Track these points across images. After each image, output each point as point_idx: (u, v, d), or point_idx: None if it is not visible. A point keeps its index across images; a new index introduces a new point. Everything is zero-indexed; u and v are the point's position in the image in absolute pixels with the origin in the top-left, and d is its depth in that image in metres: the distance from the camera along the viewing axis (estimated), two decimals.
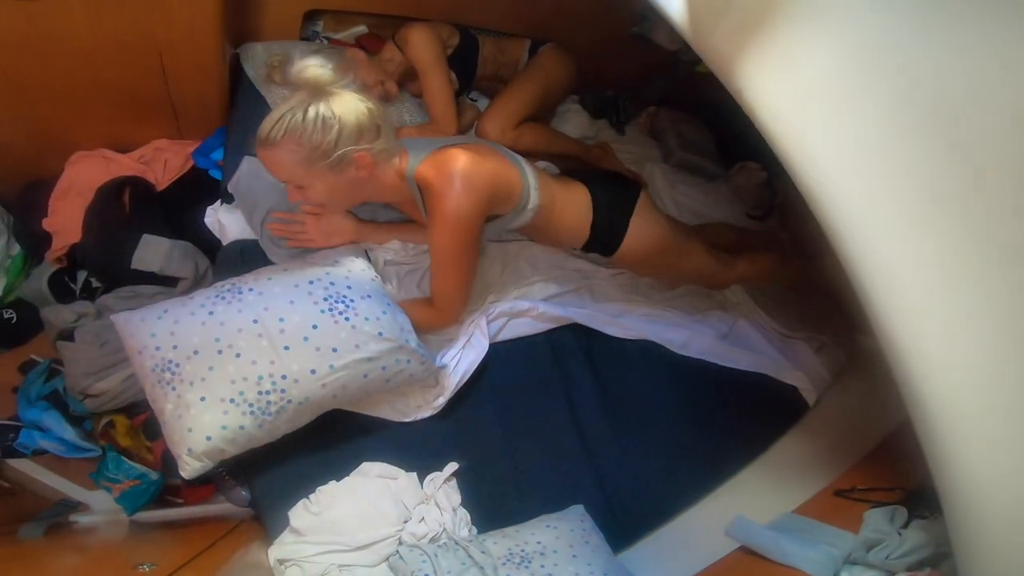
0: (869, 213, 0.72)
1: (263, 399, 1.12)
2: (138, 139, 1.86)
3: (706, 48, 0.91)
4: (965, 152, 0.65)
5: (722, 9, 0.86)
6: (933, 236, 0.67)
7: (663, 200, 1.96)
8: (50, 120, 1.69)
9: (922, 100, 0.68)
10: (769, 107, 0.81)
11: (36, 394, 1.67)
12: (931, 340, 0.69)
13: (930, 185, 0.67)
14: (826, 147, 0.76)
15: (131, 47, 1.53)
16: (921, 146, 0.68)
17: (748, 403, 1.60)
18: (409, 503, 1.22)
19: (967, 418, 0.68)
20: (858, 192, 0.73)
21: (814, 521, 1.24)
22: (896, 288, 0.70)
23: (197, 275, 1.69)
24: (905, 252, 0.69)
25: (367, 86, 1.63)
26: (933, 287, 0.68)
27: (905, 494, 1.14)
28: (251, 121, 1.67)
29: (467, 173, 1.18)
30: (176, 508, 1.68)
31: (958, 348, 0.67)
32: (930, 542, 0.99)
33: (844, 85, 0.75)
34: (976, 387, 0.67)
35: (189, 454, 1.11)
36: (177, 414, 1.10)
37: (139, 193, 1.74)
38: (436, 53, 1.63)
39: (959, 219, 0.65)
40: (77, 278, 1.75)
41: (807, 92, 0.78)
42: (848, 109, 0.74)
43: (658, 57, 1.84)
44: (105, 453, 1.61)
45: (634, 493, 1.42)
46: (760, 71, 0.82)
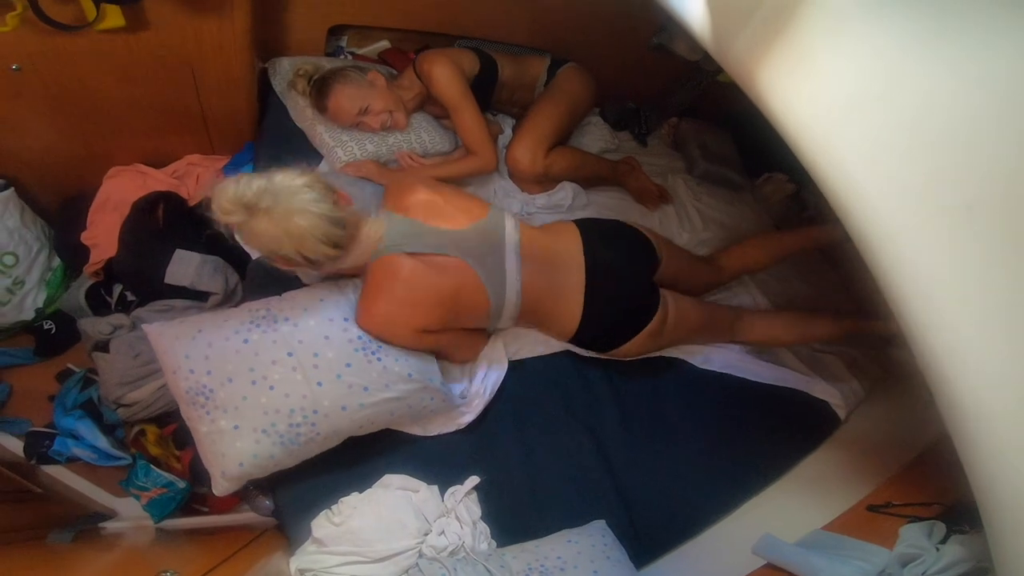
0: (901, 223, 0.70)
1: (293, 431, 1.16)
2: (172, 153, 1.93)
3: (728, 58, 0.89)
4: (998, 158, 0.63)
5: (743, 18, 0.85)
6: (968, 246, 0.65)
7: (687, 211, 1.94)
8: (90, 135, 1.75)
9: (951, 106, 0.66)
10: (794, 116, 0.80)
11: (72, 402, 1.72)
12: (968, 352, 0.66)
13: (963, 193, 0.65)
14: (855, 156, 0.74)
15: (166, 63, 1.58)
16: (952, 153, 0.66)
17: (775, 418, 1.56)
18: (430, 516, 1.22)
19: (1007, 431, 0.65)
20: (889, 202, 0.71)
21: (845, 537, 1.20)
22: (931, 299, 0.68)
23: (227, 290, 1.73)
24: (940, 262, 0.67)
25: (373, 112, 1.64)
26: (970, 298, 0.65)
27: (943, 509, 1.10)
28: (279, 136, 1.73)
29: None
30: (202, 516, 1.71)
31: (997, 360, 0.64)
32: (969, 557, 0.95)
33: (870, 93, 0.73)
34: (1016, 399, 0.64)
35: (222, 476, 1.17)
36: (211, 438, 1.16)
37: (172, 208, 1.79)
38: (462, 88, 1.64)
39: (995, 227, 0.63)
40: (113, 291, 1.80)
41: (833, 100, 0.76)
42: (876, 117, 0.72)
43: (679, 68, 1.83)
44: (135, 461, 1.64)
45: (656, 509, 1.40)
46: (784, 80, 0.80)
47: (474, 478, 1.30)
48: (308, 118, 1.71)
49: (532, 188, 1.80)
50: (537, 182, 1.78)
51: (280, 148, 1.70)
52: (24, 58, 1.45)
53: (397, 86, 1.72)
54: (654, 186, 1.92)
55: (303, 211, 1.07)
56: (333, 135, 1.67)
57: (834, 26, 0.76)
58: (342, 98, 1.61)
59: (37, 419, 1.73)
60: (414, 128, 1.73)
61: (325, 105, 1.64)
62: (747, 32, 0.85)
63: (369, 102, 1.62)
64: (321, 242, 1.09)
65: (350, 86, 1.62)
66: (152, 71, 1.59)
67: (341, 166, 1.65)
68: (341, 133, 1.68)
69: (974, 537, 0.98)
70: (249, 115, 1.83)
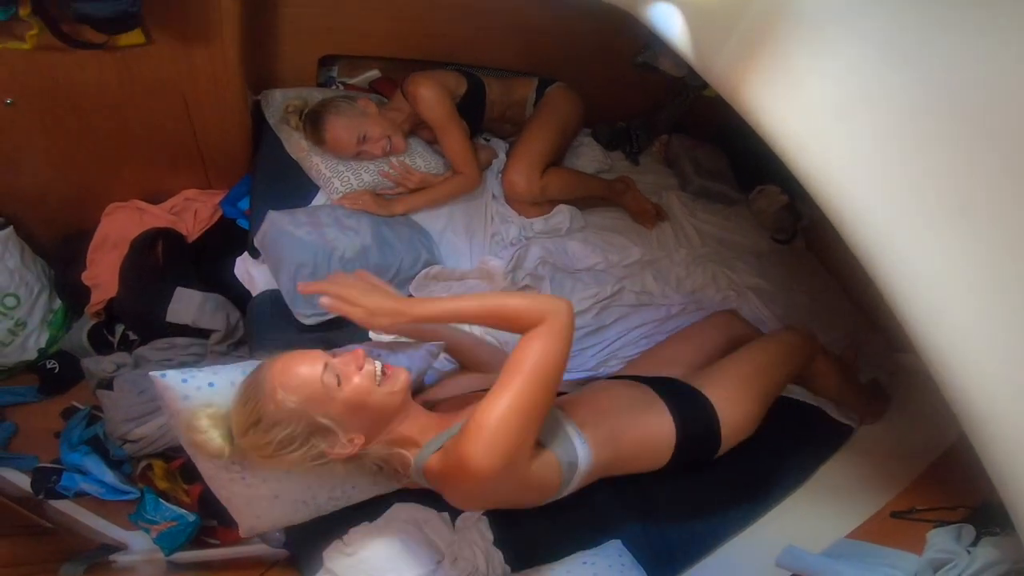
0: (897, 228, 0.70)
1: (332, 503, 1.19)
2: (169, 188, 1.94)
3: (712, 73, 0.90)
4: (985, 159, 0.63)
5: (725, 33, 0.86)
6: (965, 246, 0.65)
7: (684, 228, 1.95)
8: (86, 170, 1.77)
9: (937, 110, 0.67)
10: (781, 127, 0.80)
11: (78, 439, 1.73)
12: (975, 351, 0.66)
13: (955, 194, 0.65)
14: (844, 164, 0.74)
15: (158, 96, 1.60)
16: (940, 156, 0.66)
17: (790, 427, 1.52)
18: (442, 544, 1.22)
19: (1017, 428, 0.64)
20: (883, 207, 0.71)
21: (872, 545, 1.18)
22: (931, 301, 0.68)
23: (229, 327, 1.74)
24: (938, 265, 0.67)
25: (372, 139, 1.64)
26: (971, 298, 0.65)
27: (970, 511, 1.08)
28: (274, 169, 1.74)
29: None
30: (212, 549, 1.71)
31: (1005, 356, 0.64)
32: (1005, 558, 0.93)
33: (855, 100, 0.74)
34: (1020, 396, 0.63)
35: (251, 529, 1.18)
36: (247, 500, 1.14)
37: (171, 245, 1.81)
38: (447, 109, 1.65)
39: (989, 227, 0.63)
40: (115, 331, 1.82)
41: (818, 109, 0.77)
42: (862, 124, 0.73)
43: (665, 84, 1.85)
44: (144, 495, 1.65)
45: (674, 525, 1.38)
46: (768, 91, 0.81)
47: None
48: (304, 149, 1.71)
49: (529, 211, 1.81)
50: (534, 204, 1.79)
51: (277, 180, 1.71)
52: (17, 92, 1.47)
53: (388, 109, 1.74)
54: (650, 205, 1.94)
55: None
56: (330, 166, 1.68)
57: (814, 36, 0.77)
58: (339, 130, 1.61)
59: (43, 455, 1.74)
60: (409, 153, 1.74)
61: (323, 139, 1.64)
62: (729, 46, 0.86)
63: (365, 130, 1.62)
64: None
65: (343, 117, 1.62)
66: (145, 104, 1.61)
67: (337, 198, 1.66)
68: (338, 163, 1.68)
69: (1006, 538, 0.96)
70: (244, 148, 1.85)
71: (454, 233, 1.75)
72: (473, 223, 1.79)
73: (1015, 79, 0.61)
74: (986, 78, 0.64)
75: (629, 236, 1.87)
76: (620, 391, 1.22)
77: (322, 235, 1.44)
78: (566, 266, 1.76)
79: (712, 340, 1.47)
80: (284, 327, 1.45)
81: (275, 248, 1.48)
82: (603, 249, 1.81)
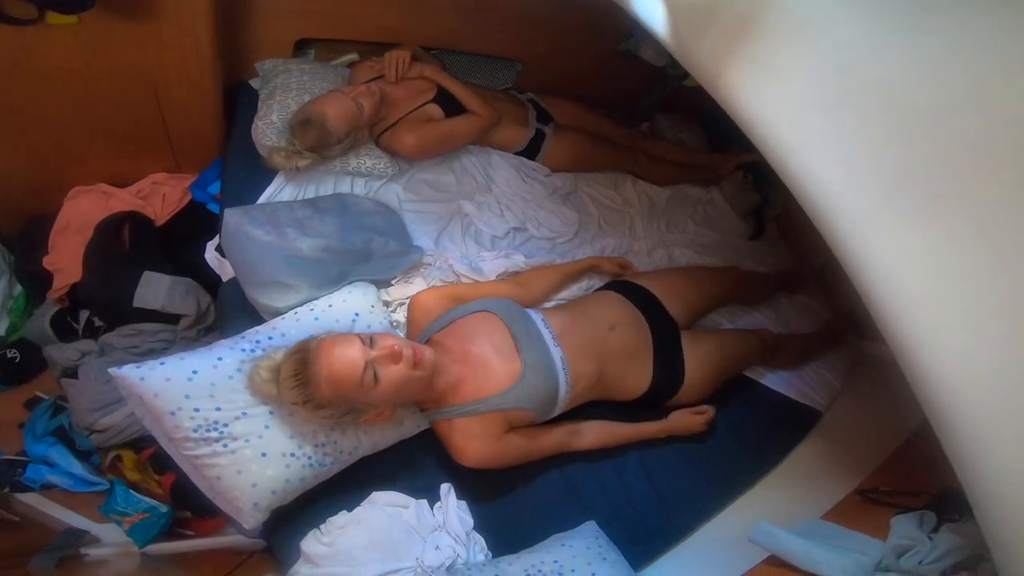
0: (869, 218, 0.72)
1: (320, 451, 1.19)
2: (136, 173, 1.88)
3: (692, 62, 0.90)
4: (962, 151, 0.65)
5: (706, 23, 0.86)
6: (935, 236, 0.67)
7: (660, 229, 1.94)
8: (48, 154, 1.70)
9: (914, 101, 0.68)
10: (759, 117, 0.81)
11: (43, 430, 1.68)
12: (942, 340, 0.68)
13: (927, 186, 0.67)
14: (819, 155, 0.76)
15: (125, 80, 1.55)
16: (913, 149, 0.68)
17: (759, 413, 1.60)
18: (422, 531, 1.22)
19: (986, 416, 0.66)
20: (856, 198, 0.73)
21: (842, 528, 1.22)
22: (901, 290, 0.70)
23: (199, 311, 1.70)
24: (908, 254, 0.69)
25: (359, 91, 1.59)
26: (940, 288, 0.67)
27: (931, 498, 1.13)
28: (247, 154, 1.69)
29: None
30: (187, 540, 1.68)
31: (970, 346, 0.66)
32: (964, 545, 0.97)
33: (831, 93, 0.75)
34: (993, 382, 0.65)
35: (255, 508, 1.15)
36: (237, 470, 1.13)
37: (138, 229, 1.75)
38: (435, 134, 1.69)
39: (959, 217, 0.65)
40: (79, 317, 1.75)
41: (795, 101, 0.78)
42: (837, 117, 0.74)
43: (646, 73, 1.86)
44: (114, 487, 1.61)
45: (649, 507, 1.41)
46: (747, 81, 0.82)
47: (446, 486, 1.29)
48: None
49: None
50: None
51: (249, 165, 1.67)
52: None
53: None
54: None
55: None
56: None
57: (795, 27, 0.77)
58: (331, 106, 1.55)
59: (7, 448, 1.68)
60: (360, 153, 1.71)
61: (326, 126, 1.54)
62: (711, 37, 0.86)
63: (344, 89, 1.59)
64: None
65: (321, 98, 1.58)
66: (112, 89, 1.55)
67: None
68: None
69: (965, 525, 0.99)
70: (216, 132, 1.80)
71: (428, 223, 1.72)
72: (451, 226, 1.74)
73: (991, 77, 0.63)
74: (963, 70, 0.65)
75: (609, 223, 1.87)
76: (627, 335, 1.40)
77: (282, 235, 1.36)
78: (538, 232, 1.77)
79: (717, 290, 1.66)
80: (256, 313, 1.42)
81: (232, 248, 1.41)
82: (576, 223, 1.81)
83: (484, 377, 1.22)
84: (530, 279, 1.51)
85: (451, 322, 1.30)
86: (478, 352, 1.24)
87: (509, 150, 1.86)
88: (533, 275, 1.54)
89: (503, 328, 1.28)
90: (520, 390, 1.22)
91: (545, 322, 1.32)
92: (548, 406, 1.27)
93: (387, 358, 1.09)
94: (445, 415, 1.23)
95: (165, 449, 1.21)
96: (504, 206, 1.75)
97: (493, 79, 2.06)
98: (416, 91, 1.73)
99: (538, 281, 1.52)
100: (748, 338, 1.60)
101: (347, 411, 1.13)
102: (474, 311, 1.31)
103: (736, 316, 1.77)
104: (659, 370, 1.41)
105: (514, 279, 1.52)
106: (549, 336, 1.30)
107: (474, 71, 2.05)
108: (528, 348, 1.25)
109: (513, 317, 1.30)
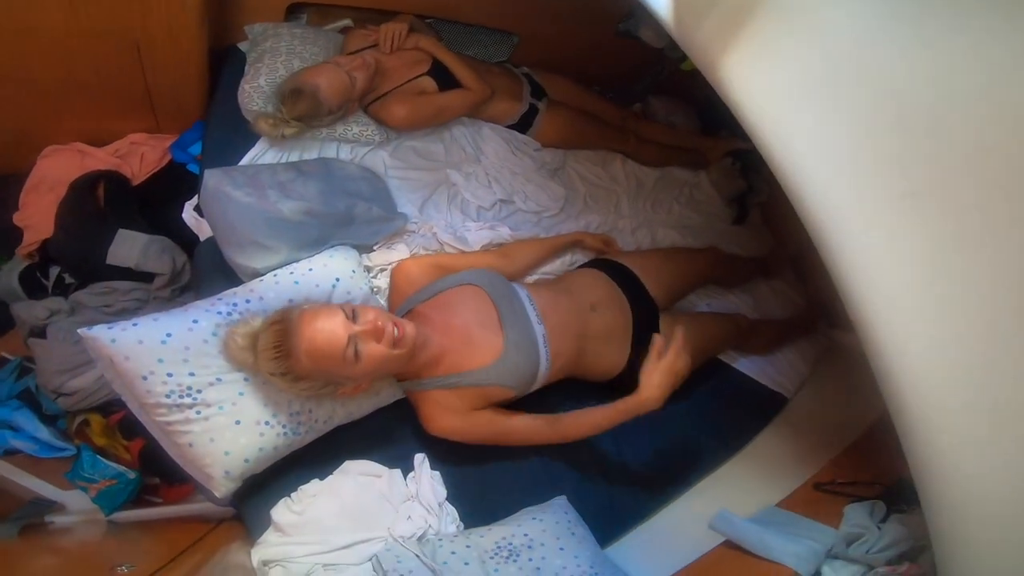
0: (849, 208, 0.73)
1: (294, 420, 1.18)
2: (114, 133, 1.83)
3: (691, 45, 0.91)
4: (946, 148, 0.66)
5: (707, 6, 0.87)
6: (914, 231, 0.68)
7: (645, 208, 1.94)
8: (23, 113, 1.65)
9: (900, 96, 0.69)
10: (752, 103, 0.82)
11: (7, 393, 1.63)
12: (910, 334, 0.70)
13: (910, 180, 0.68)
14: (807, 143, 0.77)
15: (107, 39, 1.49)
16: (900, 142, 0.69)
17: (727, 396, 1.62)
18: (394, 500, 1.21)
19: (945, 412, 0.69)
20: (839, 187, 0.74)
21: (797, 515, 1.25)
22: (876, 282, 0.71)
23: (174, 270, 1.66)
24: (885, 247, 0.70)
25: (351, 65, 1.56)
26: (913, 282, 0.69)
27: (884, 489, 1.16)
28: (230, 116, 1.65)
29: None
30: (155, 508, 1.65)
31: (937, 342, 0.68)
32: (909, 536, 1.00)
33: (826, 82, 0.75)
34: (954, 382, 0.68)
35: (227, 476, 1.14)
36: (209, 437, 1.12)
37: (114, 187, 1.70)
38: (428, 106, 1.66)
39: (938, 213, 0.66)
40: (49, 274, 1.70)
41: (790, 89, 0.79)
42: (830, 106, 0.75)
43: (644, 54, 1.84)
44: (80, 452, 1.57)
45: (618, 485, 1.43)
46: (744, 67, 0.82)
47: (420, 455, 1.29)
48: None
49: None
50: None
51: (231, 128, 1.63)
52: None
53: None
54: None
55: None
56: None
57: (795, 18, 0.78)
58: (323, 76, 1.52)
59: None
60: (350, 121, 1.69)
61: (318, 97, 1.51)
62: (710, 20, 0.86)
63: (338, 60, 1.55)
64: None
65: (314, 68, 1.54)
66: (93, 49, 1.50)
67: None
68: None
69: (912, 516, 1.03)
70: (199, 94, 1.75)
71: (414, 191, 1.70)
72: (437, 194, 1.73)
73: (986, 76, 0.64)
74: (956, 68, 0.66)
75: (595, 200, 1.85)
76: (608, 317, 1.39)
77: (263, 197, 1.33)
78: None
79: (697, 272, 1.67)
80: (233, 273, 1.39)
81: (212, 208, 1.37)
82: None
83: (466, 351, 1.22)
84: (514, 251, 1.51)
85: (436, 294, 1.28)
86: (461, 326, 1.23)
87: (501, 123, 1.85)
88: (517, 247, 1.53)
89: (489, 303, 1.26)
90: (501, 367, 1.21)
91: (530, 299, 1.31)
92: (527, 383, 1.27)
93: (369, 334, 1.07)
94: (423, 387, 1.22)
95: (135, 414, 1.18)
96: (492, 177, 1.73)
97: (489, 51, 2.04)
98: (411, 62, 1.70)
99: (522, 253, 1.51)
100: (725, 323, 1.62)
101: (325, 384, 1.12)
102: (460, 283, 1.29)
103: (712, 298, 1.78)
104: (636, 352, 1.41)
105: (498, 250, 1.51)
106: (534, 314, 1.29)
107: (470, 42, 2.02)
108: (512, 325, 1.24)
109: (500, 292, 1.28)
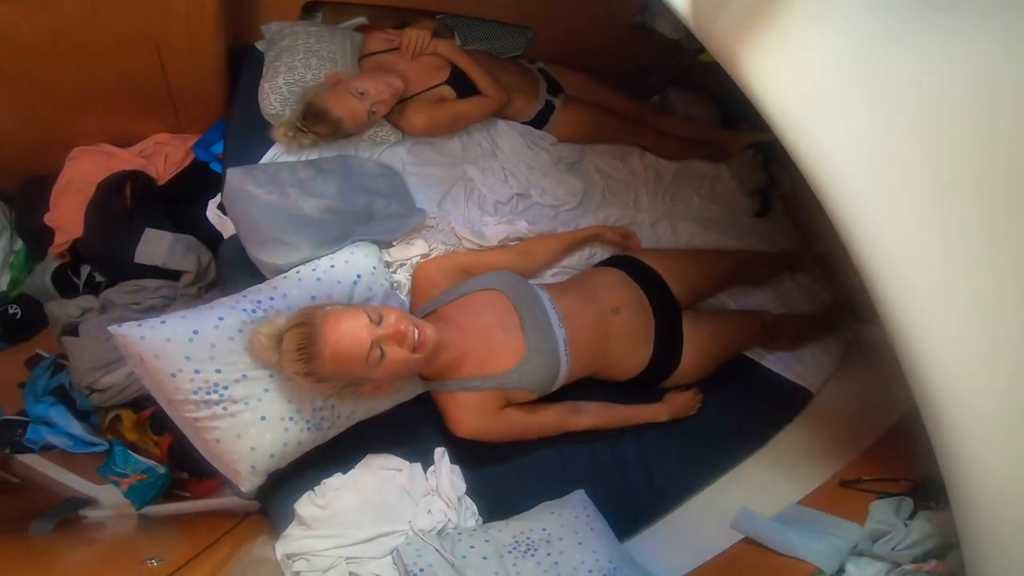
0: (877, 202, 0.71)
1: (317, 415, 1.20)
2: (138, 133, 1.86)
3: (710, 37, 0.89)
4: (970, 141, 0.65)
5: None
6: (942, 225, 0.66)
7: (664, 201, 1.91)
8: (49, 116, 1.68)
9: (927, 90, 0.67)
10: (774, 97, 0.80)
11: (43, 389, 1.68)
12: (939, 329, 0.68)
13: (941, 173, 0.66)
14: (833, 137, 0.75)
15: (128, 42, 1.52)
16: (927, 135, 0.67)
17: (751, 391, 1.59)
18: (415, 494, 1.22)
19: (976, 408, 0.67)
20: (866, 182, 0.72)
21: (820, 512, 1.23)
22: (905, 276, 0.70)
23: (200, 268, 1.70)
24: (914, 241, 0.69)
25: (371, 96, 1.53)
26: (942, 277, 0.67)
27: (911, 485, 1.13)
28: (251, 114, 1.67)
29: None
30: (184, 502, 1.70)
31: (967, 338, 0.67)
32: (936, 533, 0.98)
33: (850, 75, 0.74)
34: (985, 377, 0.66)
35: (253, 471, 1.16)
36: (236, 433, 1.14)
37: (140, 187, 1.74)
38: (445, 113, 1.65)
39: (967, 208, 0.65)
40: (80, 273, 1.75)
41: (813, 82, 0.77)
42: (855, 99, 0.73)
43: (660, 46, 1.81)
44: (112, 447, 1.62)
45: (638, 481, 1.42)
46: (765, 60, 0.80)
47: (440, 450, 1.31)
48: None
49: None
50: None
51: (251, 127, 1.64)
52: None
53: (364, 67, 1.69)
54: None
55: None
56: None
57: (818, 7, 0.76)
58: (346, 114, 1.51)
59: (7, 407, 1.69)
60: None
61: (339, 123, 1.52)
62: (729, 11, 0.84)
63: (356, 86, 1.52)
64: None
65: (334, 89, 1.53)
66: (114, 51, 1.53)
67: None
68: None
69: (940, 513, 1.01)
70: (220, 93, 1.77)
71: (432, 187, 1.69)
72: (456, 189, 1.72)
73: (1013, 73, 0.62)
74: (986, 60, 0.64)
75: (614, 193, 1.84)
76: (630, 319, 1.38)
77: (284, 195, 1.35)
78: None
79: (722, 275, 1.64)
80: (256, 270, 1.41)
81: (234, 207, 1.39)
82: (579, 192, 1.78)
83: (488, 355, 1.23)
84: (533, 248, 1.50)
85: (458, 297, 1.29)
86: (483, 329, 1.24)
87: (517, 120, 1.84)
88: (536, 243, 1.53)
89: (511, 308, 1.27)
90: (523, 371, 1.22)
91: (552, 302, 1.31)
92: (548, 385, 1.28)
93: (392, 338, 1.08)
94: (447, 388, 1.23)
95: (164, 410, 1.21)
96: (508, 172, 1.73)
97: (503, 46, 2.02)
98: (430, 68, 1.69)
99: (541, 249, 1.51)
100: (749, 321, 1.60)
101: (347, 384, 1.13)
102: (482, 287, 1.30)
103: (738, 295, 1.75)
104: (657, 353, 1.41)
105: (517, 247, 1.51)
106: (555, 317, 1.29)
107: (485, 37, 2.00)
108: (534, 330, 1.24)
109: (521, 297, 1.28)
